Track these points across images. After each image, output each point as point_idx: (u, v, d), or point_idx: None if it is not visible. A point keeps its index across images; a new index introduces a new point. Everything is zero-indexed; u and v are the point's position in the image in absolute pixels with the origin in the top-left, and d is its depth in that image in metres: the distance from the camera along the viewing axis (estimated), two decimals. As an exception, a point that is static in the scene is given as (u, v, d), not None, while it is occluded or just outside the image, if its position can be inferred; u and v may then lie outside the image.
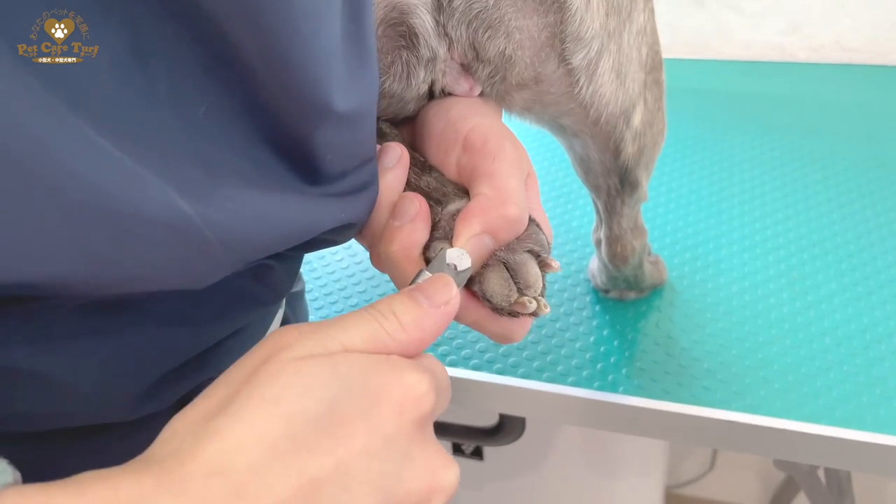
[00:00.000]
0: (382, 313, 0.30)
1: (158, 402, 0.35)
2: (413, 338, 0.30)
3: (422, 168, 0.40)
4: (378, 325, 0.29)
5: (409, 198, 0.37)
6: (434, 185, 0.39)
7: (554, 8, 0.40)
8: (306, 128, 0.30)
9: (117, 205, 0.24)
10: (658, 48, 0.50)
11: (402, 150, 0.39)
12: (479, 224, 0.35)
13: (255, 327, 0.42)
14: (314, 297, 0.72)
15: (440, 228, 0.37)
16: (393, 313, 0.30)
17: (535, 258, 0.36)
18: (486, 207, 0.35)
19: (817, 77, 1.10)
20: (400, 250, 0.36)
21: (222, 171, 0.28)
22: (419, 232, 0.36)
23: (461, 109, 0.41)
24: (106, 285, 0.27)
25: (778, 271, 0.70)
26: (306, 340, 0.28)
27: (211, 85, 0.27)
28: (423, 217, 0.36)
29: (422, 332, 0.30)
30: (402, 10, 0.38)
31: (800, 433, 0.55)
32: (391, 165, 0.38)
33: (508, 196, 0.35)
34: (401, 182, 0.38)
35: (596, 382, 0.60)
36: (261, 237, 0.29)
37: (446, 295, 0.31)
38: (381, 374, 0.27)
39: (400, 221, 0.36)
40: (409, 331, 0.30)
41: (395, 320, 0.30)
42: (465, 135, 0.39)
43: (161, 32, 0.25)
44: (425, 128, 0.42)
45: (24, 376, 0.29)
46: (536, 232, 0.36)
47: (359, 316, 0.30)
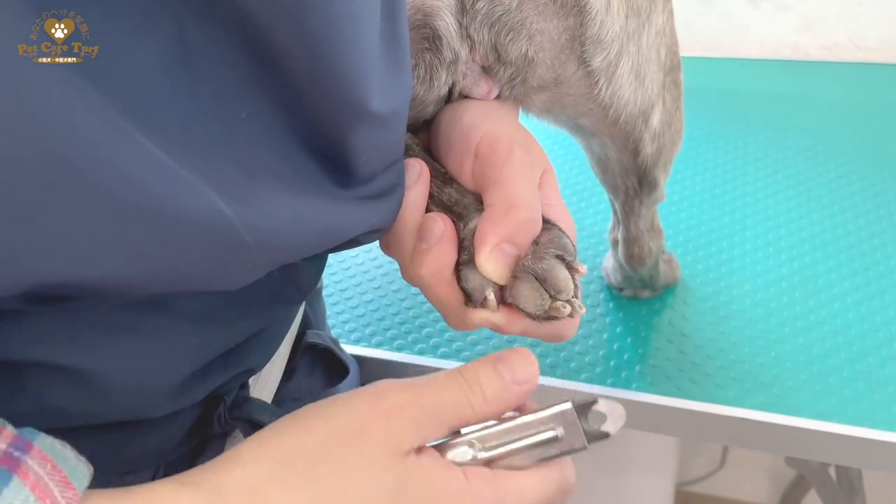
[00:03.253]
0: (470, 386, 0.32)
1: (187, 398, 0.36)
2: (492, 410, 0.33)
3: (443, 180, 0.40)
4: (464, 397, 0.32)
5: (433, 219, 0.37)
6: (456, 198, 0.39)
7: (574, 11, 0.41)
8: (343, 129, 0.31)
9: (163, 207, 0.25)
10: (676, 49, 0.50)
11: (422, 166, 0.39)
12: (494, 235, 0.35)
13: (278, 325, 0.42)
14: (330, 293, 0.73)
15: (465, 248, 0.37)
16: (479, 385, 0.32)
17: (562, 262, 0.36)
18: (496, 217, 0.36)
19: (831, 76, 1.09)
20: (430, 274, 0.37)
21: (261, 174, 0.29)
22: (448, 254, 0.36)
23: (473, 116, 0.41)
24: (146, 285, 0.27)
25: (791, 270, 0.71)
26: (404, 418, 0.31)
27: (253, 88, 0.28)
28: (449, 237, 0.37)
29: (500, 405, 0.33)
30: (426, 12, 0.39)
31: (812, 431, 0.55)
32: (412, 183, 0.38)
33: (516, 200, 0.36)
34: (423, 199, 0.38)
35: (609, 379, 0.60)
36: (295, 240, 0.30)
37: (528, 374, 0.33)
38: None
39: (427, 244, 0.36)
40: (490, 404, 0.32)
41: (479, 393, 0.32)
42: (477, 143, 0.39)
43: (207, 36, 0.26)
44: (440, 137, 0.42)
45: (61, 372, 0.30)
46: (559, 236, 0.36)
47: (449, 380, 0.32)
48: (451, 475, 0.31)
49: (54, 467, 0.24)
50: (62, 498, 0.24)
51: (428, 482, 0.30)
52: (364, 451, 0.29)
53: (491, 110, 0.42)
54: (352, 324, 0.69)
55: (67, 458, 0.25)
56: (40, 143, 0.22)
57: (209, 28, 0.26)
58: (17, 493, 0.23)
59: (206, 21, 0.26)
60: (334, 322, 0.69)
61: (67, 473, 0.24)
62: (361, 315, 0.70)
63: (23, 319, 0.29)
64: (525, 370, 0.33)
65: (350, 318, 0.70)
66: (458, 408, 0.31)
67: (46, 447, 0.25)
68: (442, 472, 0.30)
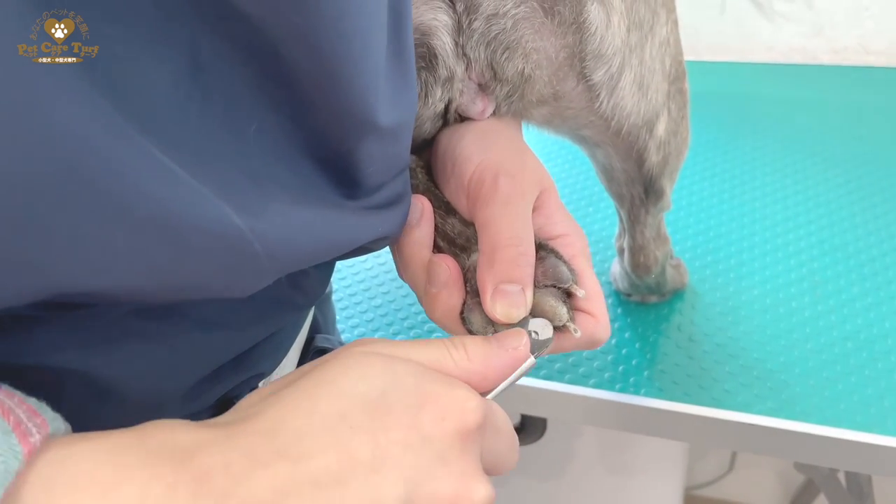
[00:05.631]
0: (453, 343, 0.32)
1: (198, 403, 0.36)
2: (476, 368, 0.32)
3: (446, 210, 0.41)
4: (446, 351, 0.31)
5: (438, 264, 0.38)
6: (459, 229, 0.40)
7: (573, 29, 0.41)
8: (351, 142, 0.31)
9: (176, 219, 0.25)
10: (681, 58, 0.50)
11: (424, 202, 0.40)
12: (490, 281, 0.36)
13: (288, 330, 0.43)
14: (339, 298, 0.73)
15: (469, 282, 0.38)
16: (463, 345, 0.32)
17: (555, 290, 0.37)
18: (487, 263, 0.37)
19: (840, 80, 1.09)
20: (442, 316, 0.38)
21: (271, 185, 0.29)
22: (455, 297, 0.38)
23: (465, 149, 0.42)
24: (159, 294, 0.28)
25: (800, 275, 0.71)
26: (378, 344, 0.30)
27: (263, 102, 0.28)
28: (454, 281, 0.38)
29: (486, 366, 0.32)
30: (423, 31, 0.39)
31: (821, 437, 0.55)
32: (415, 223, 0.39)
33: (500, 242, 0.37)
34: (429, 237, 0.40)
35: (617, 384, 0.61)
36: (305, 250, 0.31)
37: (516, 342, 0.33)
38: (434, 382, 0.29)
39: (436, 288, 0.38)
40: (473, 361, 0.32)
41: (462, 350, 0.32)
42: (467, 182, 0.40)
43: (218, 52, 0.26)
44: (438, 166, 0.43)
45: (73, 377, 0.30)
46: (554, 265, 0.37)
47: (431, 342, 0.32)
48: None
49: (21, 401, 0.24)
50: (28, 421, 0.23)
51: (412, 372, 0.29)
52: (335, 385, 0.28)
53: (485, 140, 0.42)
54: (361, 328, 0.69)
55: (41, 404, 0.25)
56: (56, 158, 0.22)
57: (221, 44, 0.26)
58: None
59: (219, 37, 0.26)
60: (343, 326, 0.70)
61: (36, 407, 0.24)
62: (371, 319, 0.70)
63: (37, 325, 0.29)
64: (513, 338, 0.33)
65: (359, 322, 0.70)
66: (438, 362, 0.31)
67: (17, 393, 0.25)
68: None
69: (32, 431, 0.23)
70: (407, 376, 0.28)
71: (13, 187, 0.22)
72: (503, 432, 0.32)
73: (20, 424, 0.23)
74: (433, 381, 0.29)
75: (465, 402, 0.29)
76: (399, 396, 0.28)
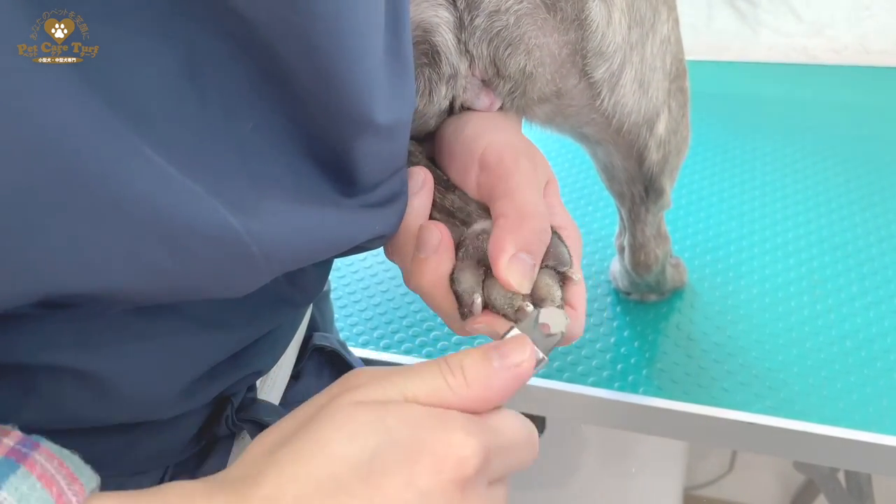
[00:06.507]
0: (450, 367, 0.30)
1: (194, 400, 0.36)
2: (476, 395, 0.30)
3: (446, 187, 0.40)
4: (442, 379, 0.30)
5: (430, 229, 0.37)
6: (458, 204, 0.40)
7: (574, 26, 0.41)
8: (348, 140, 0.31)
9: (173, 221, 0.25)
10: (682, 56, 0.50)
11: (426, 174, 0.39)
12: (512, 245, 0.34)
13: (285, 328, 0.43)
14: (338, 296, 0.73)
15: (464, 247, 0.37)
16: (461, 368, 0.30)
17: (553, 272, 0.37)
18: (512, 227, 0.35)
19: (840, 79, 1.09)
20: (429, 284, 0.37)
21: (267, 185, 0.29)
22: (444, 264, 0.36)
23: (475, 128, 0.41)
24: (155, 295, 0.28)
25: (799, 274, 0.71)
26: (371, 386, 0.29)
27: (259, 101, 0.28)
28: (446, 247, 0.36)
29: (487, 390, 0.30)
30: (425, 28, 0.39)
31: (819, 435, 0.55)
32: (416, 191, 0.38)
33: (528, 210, 0.36)
34: (427, 207, 0.39)
35: (616, 383, 0.61)
36: (301, 249, 0.31)
37: (519, 356, 0.31)
38: (428, 429, 0.28)
39: (425, 253, 0.36)
40: (472, 387, 0.30)
41: (460, 375, 0.30)
42: (481, 154, 0.39)
43: (215, 51, 0.26)
44: (443, 148, 0.43)
45: (71, 376, 0.31)
46: (556, 246, 0.37)
47: (427, 367, 0.30)
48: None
49: (61, 464, 0.25)
50: (69, 490, 0.25)
51: (410, 417, 0.28)
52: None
53: (493, 122, 0.42)
54: (360, 326, 0.69)
55: (73, 458, 0.26)
56: (49, 159, 0.22)
57: (217, 43, 0.26)
58: (25, 479, 0.24)
59: (215, 36, 0.26)
60: (342, 325, 0.70)
61: (73, 470, 0.25)
62: (369, 318, 0.70)
63: (33, 323, 0.29)
64: (517, 353, 0.31)
65: (358, 321, 0.70)
66: (436, 394, 0.29)
67: (54, 449, 0.26)
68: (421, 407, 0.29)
69: (73, 502, 0.25)
70: (399, 428, 0.27)
71: (7, 188, 0.22)
72: (512, 448, 0.31)
73: (62, 496, 0.25)
74: (427, 429, 0.28)
75: (461, 451, 0.27)
76: (392, 453, 0.27)
